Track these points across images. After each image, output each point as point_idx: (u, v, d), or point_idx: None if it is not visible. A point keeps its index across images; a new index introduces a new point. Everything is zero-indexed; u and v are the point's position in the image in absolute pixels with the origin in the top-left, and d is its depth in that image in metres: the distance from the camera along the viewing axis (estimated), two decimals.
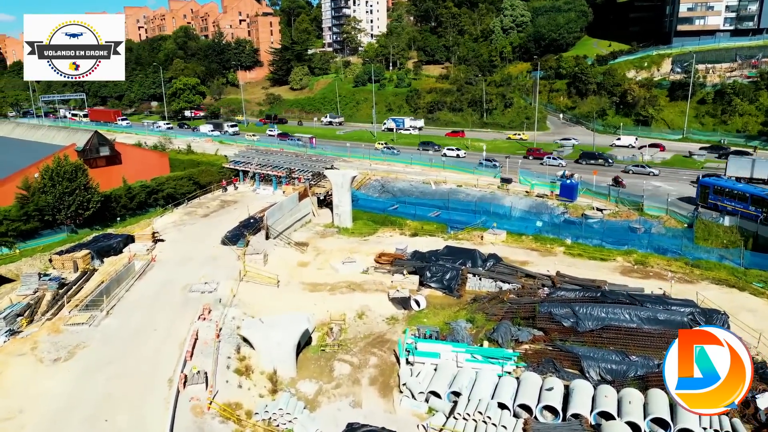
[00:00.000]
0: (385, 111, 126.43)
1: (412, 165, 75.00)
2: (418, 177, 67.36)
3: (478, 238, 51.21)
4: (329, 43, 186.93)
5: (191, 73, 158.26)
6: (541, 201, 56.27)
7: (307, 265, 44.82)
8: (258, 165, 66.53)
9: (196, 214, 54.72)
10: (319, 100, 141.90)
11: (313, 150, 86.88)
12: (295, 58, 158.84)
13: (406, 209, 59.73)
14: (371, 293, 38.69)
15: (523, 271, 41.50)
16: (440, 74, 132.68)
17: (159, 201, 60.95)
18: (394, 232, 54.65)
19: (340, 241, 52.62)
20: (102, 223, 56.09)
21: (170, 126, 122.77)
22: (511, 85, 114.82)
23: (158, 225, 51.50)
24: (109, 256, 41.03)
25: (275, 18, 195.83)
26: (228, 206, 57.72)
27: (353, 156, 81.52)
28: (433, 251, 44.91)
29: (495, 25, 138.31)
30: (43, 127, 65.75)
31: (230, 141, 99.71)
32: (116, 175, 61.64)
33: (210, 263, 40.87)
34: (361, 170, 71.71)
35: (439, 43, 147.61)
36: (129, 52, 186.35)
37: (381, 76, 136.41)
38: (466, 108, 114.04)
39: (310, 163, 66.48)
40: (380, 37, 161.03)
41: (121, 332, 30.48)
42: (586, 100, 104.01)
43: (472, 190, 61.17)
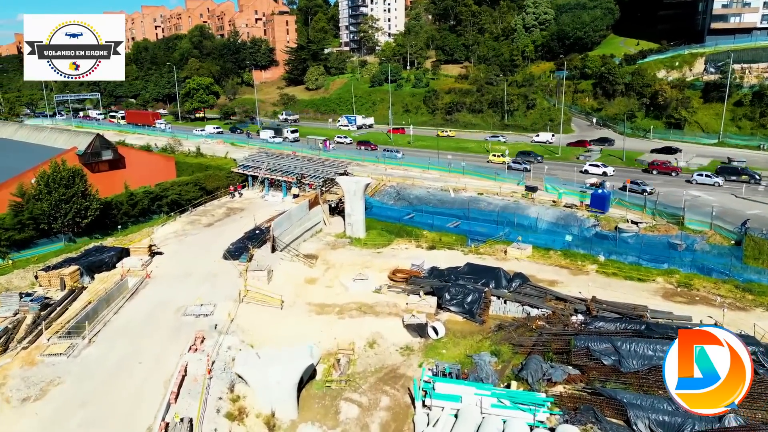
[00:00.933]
0: (401, 112, 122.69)
1: (430, 170, 71.09)
2: (436, 183, 63.45)
3: (501, 253, 47.21)
4: (346, 42, 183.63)
5: (206, 72, 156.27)
6: (570, 212, 51.98)
7: (315, 282, 41.25)
8: (267, 170, 63.21)
9: (199, 223, 51.53)
10: (335, 101, 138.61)
11: (326, 153, 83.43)
12: (310, 58, 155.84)
13: (422, 219, 55.91)
14: (384, 317, 34.95)
15: (552, 293, 37.42)
16: (459, 74, 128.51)
17: (163, 208, 57.92)
18: (410, 245, 50.88)
19: (352, 254, 49.03)
20: (102, 231, 53.18)
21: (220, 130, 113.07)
22: (534, 86, 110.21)
23: (159, 235, 48.42)
24: (101, 272, 37.90)
25: (291, 17, 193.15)
26: (234, 214, 54.45)
27: (368, 160, 77.91)
28: (453, 269, 41.02)
29: (517, 23, 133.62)
30: (45, 129, 63.36)
31: (241, 143, 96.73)
32: (119, 180, 58.71)
33: (209, 281, 37.50)
34: (376, 176, 68.08)
35: (459, 42, 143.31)
36: (145, 52, 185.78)
37: (398, 76, 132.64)
38: (486, 109, 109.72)
39: (322, 168, 62.96)
40: (398, 36, 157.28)
41: (102, 365, 27.16)
42: (614, 101, 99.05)
43: (494, 199, 57.07)
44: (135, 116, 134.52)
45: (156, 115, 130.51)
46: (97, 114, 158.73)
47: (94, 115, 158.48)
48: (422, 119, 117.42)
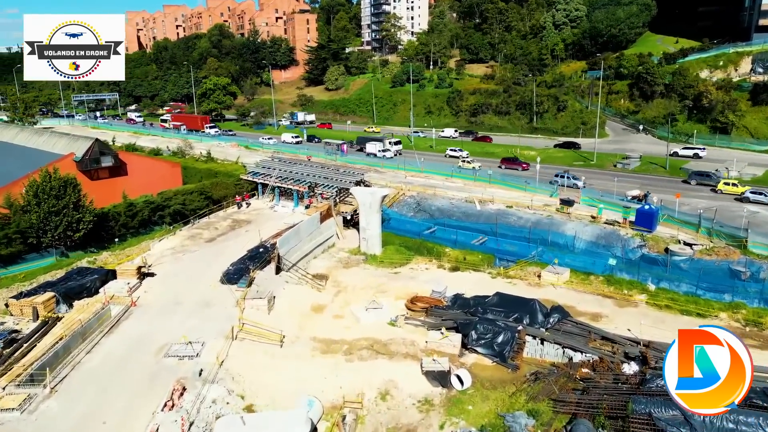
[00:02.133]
0: (424, 113, 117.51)
1: (453, 178, 65.75)
2: (460, 194, 58.14)
3: (534, 277, 41.83)
4: (368, 41, 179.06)
5: (225, 72, 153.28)
6: (612, 230, 46.19)
7: (323, 311, 36.44)
8: (278, 178, 58.72)
9: (201, 237, 47.22)
10: (354, 102, 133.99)
11: (343, 158, 78.71)
12: (331, 57, 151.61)
13: (445, 234, 50.73)
14: (399, 360, 29.97)
15: (597, 331, 31.96)
16: (485, 74, 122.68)
17: (165, 219, 53.87)
18: (431, 264, 45.80)
19: (366, 274, 44.21)
20: (98, 244, 49.27)
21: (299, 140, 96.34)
22: (564, 86, 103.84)
23: (155, 251, 44.26)
24: (81, 298, 33.73)
25: (312, 15, 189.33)
26: (239, 227, 50.07)
27: (386, 166, 72.89)
28: (480, 298, 35.79)
29: (546, 21, 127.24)
30: (45, 133, 60.06)
31: (256, 146, 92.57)
32: (120, 188, 54.85)
33: (200, 311, 33.02)
34: (395, 184, 63.10)
35: (484, 40, 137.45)
36: (164, 51, 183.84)
37: (420, 76, 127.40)
38: (513, 111, 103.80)
39: (336, 176, 58.24)
40: (421, 35, 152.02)
41: (59, 426, 22.73)
42: (652, 103, 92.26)
43: (525, 213, 51.56)
44: (182, 120, 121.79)
45: (205, 120, 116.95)
46: (137, 116, 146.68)
47: (134, 116, 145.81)
48: (445, 121, 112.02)
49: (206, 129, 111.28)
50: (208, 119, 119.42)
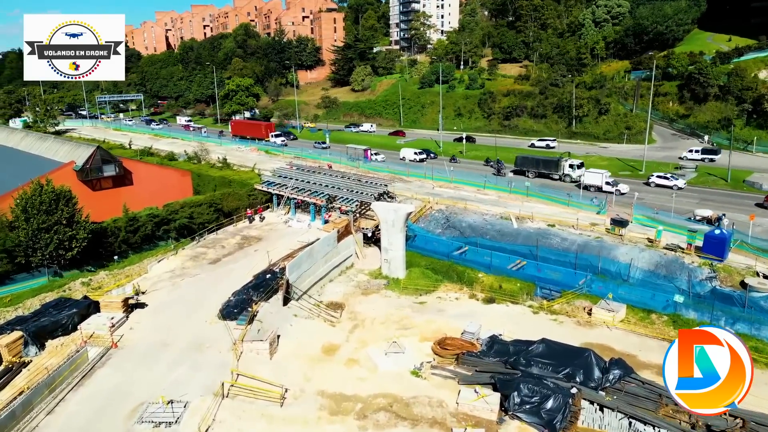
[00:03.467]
0: (453, 116, 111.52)
1: (486, 189, 59.81)
2: (495, 209, 52.24)
3: (584, 313, 35.83)
4: (396, 40, 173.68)
5: (249, 72, 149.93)
6: (673, 257, 39.74)
7: (335, 353, 31.18)
8: (294, 189, 53.78)
9: (204, 257, 42.49)
10: (381, 103, 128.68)
11: (366, 165, 73.50)
12: (357, 57, 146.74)
13: (477, 255, 45.02)
14: (424, 428, 24.46)
15: (670, 396, 25.77)
16: (519, 74, 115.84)
17: (170, 233, 49.52)
18: (461, 293, 40.14)
19: (388, 303, 38.85)
20: (96, 261, 45.21)
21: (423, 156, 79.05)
22: (605, 88, 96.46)
23: (153, 274, 39.69)
24: (56, 337, 29.20)
25: (339, 14, 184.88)
26: (248, 246, 45.22)
27: (413, 174, 67.38)
28: (522, 344, 30.00)
29: (585, 18, 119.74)
30: (48, 139, 56.55)
31: (276, 151, 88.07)
32: (125, 199, 50.92)
33: (191, 356, 28.13)
34: (421, 195, 57.59)
35: (518, 39, 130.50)
36: (190, 51, 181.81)
37: (450, 77, 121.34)
38: (550, 114, 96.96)
39: (357, 187, 52.97)
40: (451, 34, 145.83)
41: None
42: (705, 106, 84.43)
43: (569, 233, 45.40)
44: (242, 127, 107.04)
45: (270, 127, 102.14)
46: (186, 120, 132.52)
47: (184, 122, 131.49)
48: (476, 124, 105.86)
49: (271, 138, 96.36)
50: (273, 126, 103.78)
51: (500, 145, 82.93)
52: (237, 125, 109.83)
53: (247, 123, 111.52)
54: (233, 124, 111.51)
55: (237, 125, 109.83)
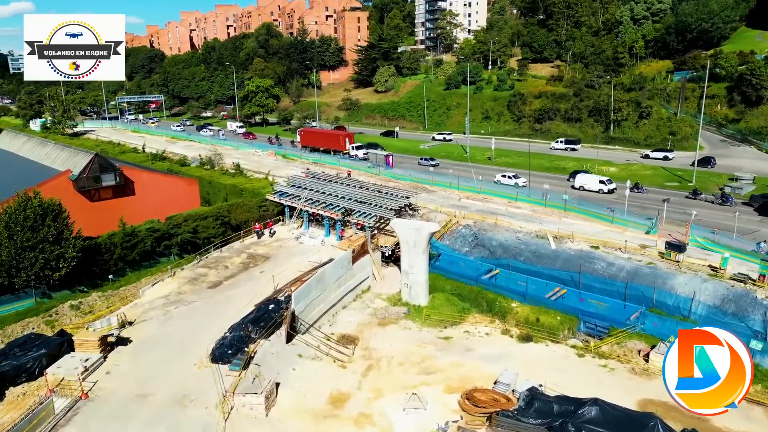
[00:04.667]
0: (481, 119, 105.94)
1: (518, 202, 54.43)
2: (529, 225, 46.91)
3: (639, 358, 30.52)
4: (421, 40, 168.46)
5: (271, 73, 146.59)
6: (743, 289, 33.99)
7: (345, 405, 26.47)
8: (307, 200, 49.26)
9: (204, 280, 38.21)
10: (405, 105, 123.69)
11: (388, 173, 68.69)
12: (381, 57, 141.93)
13: (510, 280, 39.98)
14: None
15: None
16: (551, 75, 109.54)
17: (172, 249, 45.52)
18: (493, 327, 35.09)
19: (408, 337, 34.12)
20: (90, 281, 41.42)
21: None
22: (646, 90, 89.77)
23: (145, 299, 35.58)
24: (19, 383, 25.10)
25: (364, 13, 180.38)
26: (253, 266, 40.83)
27: (437, 183, 62.32)
28: (568, 402, 24.80)
29: (623, 15, 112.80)
30: (49, 144, 53.23)
31: (294, 155, 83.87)
32: (126, 211, 47.16)
33: (170, 413, 23.73)
34: (446, 208, 52.58)
35: (549, 37, 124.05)
36: (212, 51, 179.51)
37: (478, 77, 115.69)
38: (585, 117, 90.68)
39: (377, 198, 48.15)
40: (478, 33, 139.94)
41: None
42: (757, 110, 77.37)
43: (616, 257, 39.84)
44: (315, 137, 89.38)
45: (349, 137, 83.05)
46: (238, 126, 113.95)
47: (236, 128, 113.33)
48: (505, 128, 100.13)
49: (351, 150, 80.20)
50: (352, 136, 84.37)
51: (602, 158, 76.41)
52: (308, 135, 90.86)
53: (320, 132, 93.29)
54: (303, 134, 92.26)
55: (308, 135, 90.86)
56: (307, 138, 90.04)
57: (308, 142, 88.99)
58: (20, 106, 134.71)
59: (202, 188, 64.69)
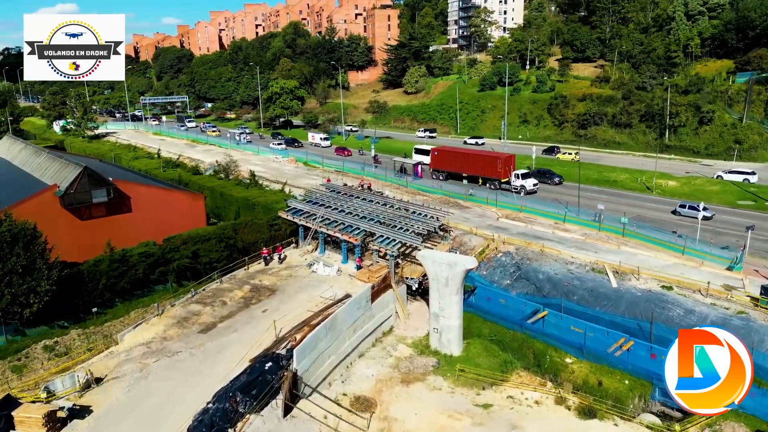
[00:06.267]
0: (518, 122, 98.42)
1: (566, 223, 47.21)
2: (582, 255, 39.78)
3: None
4: (454, 39, 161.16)
5: (297, 73, 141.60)
6: None
7: None
8: (324, 220, 43.08)
9: (196, 321, 32.37)
10: (435, 108, 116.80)
11: (416, 185, 62.11)
12: (412, 57, 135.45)
13: (562, 327, 32.95)
14: None
15: None
16: (597, 76, 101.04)
17: (169, 276, 39.97)
18: (544, 392, 28.17)
19: (437, 401, 27.57)
20: (72, 314, 36.12)
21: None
22: (705, 92, 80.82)
23: (124, 346, 29.95)
24: None
25: (394, 11, 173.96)
26: (255, 302, 34.83)
27: (472, 198, 55.47)
28: None
29: (676, 10, 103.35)
30: (43, 154, 48.48)
31: (316, 163, 78.06)
32: (121, 230, 42.03)
33: None
34: (482, 229, 45.77)
35: (592, 35, 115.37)
36: (239, 51, 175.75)
37: (515, 78, 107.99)
38: (636, 123, 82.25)
39: (401, 220, 41.64)
40: (515, 31, 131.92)
41: None
42: None
43: (696, 301, 32.43)
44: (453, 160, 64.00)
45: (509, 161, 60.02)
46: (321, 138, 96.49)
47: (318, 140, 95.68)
48: (545, 133, 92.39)
49: (515, 180, 58.21)
50: (513, 160, 60.50)
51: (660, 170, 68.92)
52: (445, 156, 64.52)
53: (465, 154, 64.56)
54: (437, 154, 65.56)
55: (445, 156, 64.52)
56: (442, 160, 64.62)
57: (445, 165, 64.09)
58: (44, 107, 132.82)
59: (212, 201, 59.51)
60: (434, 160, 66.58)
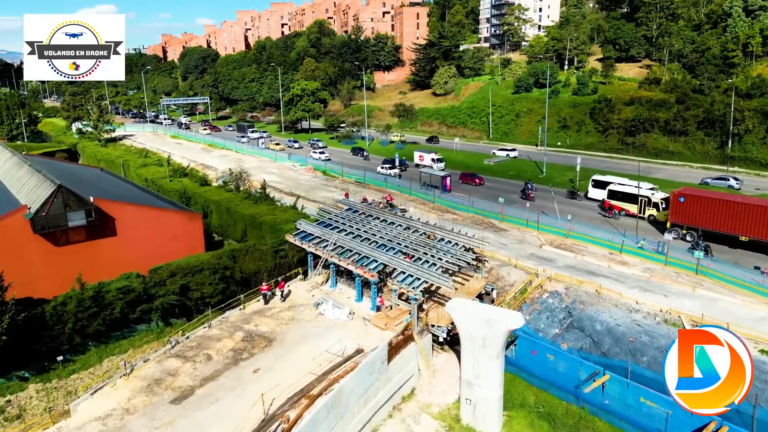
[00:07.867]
0: (557, 128, 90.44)
1: (624, 254, 39.72)
2: (648, 298, 32.46)
3: None
4: (485, 37, 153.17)
5: (322, 74, 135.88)
6: None
7: None
8: (337, 248, 36.59)
9: (171, 385, 26.22)
10: (466, 111, 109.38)
11: (444, 200, 55.27)
12: (441, 56, 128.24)
13: (630, 400, 25.74)
14: None
15: None
16: (645, 77, 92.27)
17: (153, 315, 34.09)
18: None
19: None
20: (37, 362, 30.49)
21: None
22: None
23: (76, 420, 23.99)
24: None
25: (423, 9, 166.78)
26: (247, 358, 28.52)
27: (509, 219, 48.31)
28: None
29: (733, 6, 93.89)
30: (24, 166, 43.34)
31: (335, 173, 71.74)
32: (104, 257, 36.45)
33: None
34: (523, 259, 38.70)
35: (637, 33, 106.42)
36: (263, 51, 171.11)
37: (553, 79, 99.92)
38: (693, 130, 73.59)
39: (425, 251, 34.86)
40: (551, 28, 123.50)
41: None
42: None
43: None
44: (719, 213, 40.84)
45: None
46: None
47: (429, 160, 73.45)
48: (588, 140, 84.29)
49: None
50: None
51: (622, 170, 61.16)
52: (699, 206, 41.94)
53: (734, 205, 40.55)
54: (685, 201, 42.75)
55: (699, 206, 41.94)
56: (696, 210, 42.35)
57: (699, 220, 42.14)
58: (63, 108, 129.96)
59: (218, 217, 53.84)
60: (676, 210, 43.80)
